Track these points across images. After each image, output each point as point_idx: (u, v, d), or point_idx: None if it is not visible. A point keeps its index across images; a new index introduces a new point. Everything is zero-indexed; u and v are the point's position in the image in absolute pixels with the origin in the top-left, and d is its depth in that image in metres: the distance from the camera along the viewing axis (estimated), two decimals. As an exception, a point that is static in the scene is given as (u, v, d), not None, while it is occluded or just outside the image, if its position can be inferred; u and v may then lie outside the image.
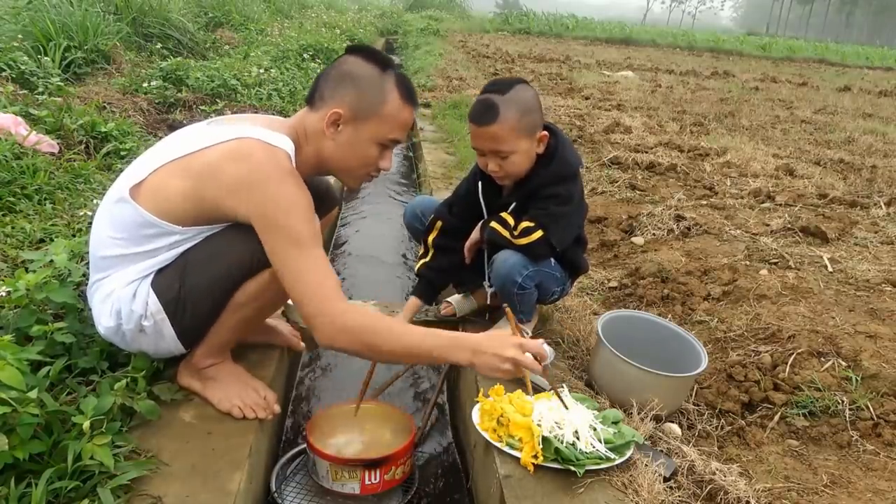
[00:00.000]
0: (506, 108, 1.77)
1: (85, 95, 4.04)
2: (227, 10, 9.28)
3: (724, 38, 28.03)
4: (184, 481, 1.36)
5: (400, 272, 3.24)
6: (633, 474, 1.49)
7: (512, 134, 1.78)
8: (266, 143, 1.46)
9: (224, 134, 1.49)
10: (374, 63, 1.54)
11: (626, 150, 5.01)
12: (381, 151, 1.60)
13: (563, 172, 1.88)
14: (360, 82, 1.52)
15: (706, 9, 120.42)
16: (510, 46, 15.63)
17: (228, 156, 1.45)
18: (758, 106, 8.42)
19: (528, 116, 1.80)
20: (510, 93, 1.79)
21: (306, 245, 1.42)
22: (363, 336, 1.41)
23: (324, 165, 1.62)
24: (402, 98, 1.55)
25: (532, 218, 1.85)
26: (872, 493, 1.61)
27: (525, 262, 1.87)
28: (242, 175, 1.42)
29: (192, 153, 1.48)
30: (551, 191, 1.87)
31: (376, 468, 1.60)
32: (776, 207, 3.74)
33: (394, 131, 1.57)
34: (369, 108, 1.52)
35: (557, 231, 1.86)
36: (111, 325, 1.52)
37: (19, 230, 2.22)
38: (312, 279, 1.41)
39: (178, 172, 1.47)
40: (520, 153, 1.82)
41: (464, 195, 2.08)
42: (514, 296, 1.90)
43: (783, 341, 2.19)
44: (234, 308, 1.55)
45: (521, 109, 1.78)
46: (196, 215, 1.49)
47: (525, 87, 1.84)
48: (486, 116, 1.78)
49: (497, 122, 1.77)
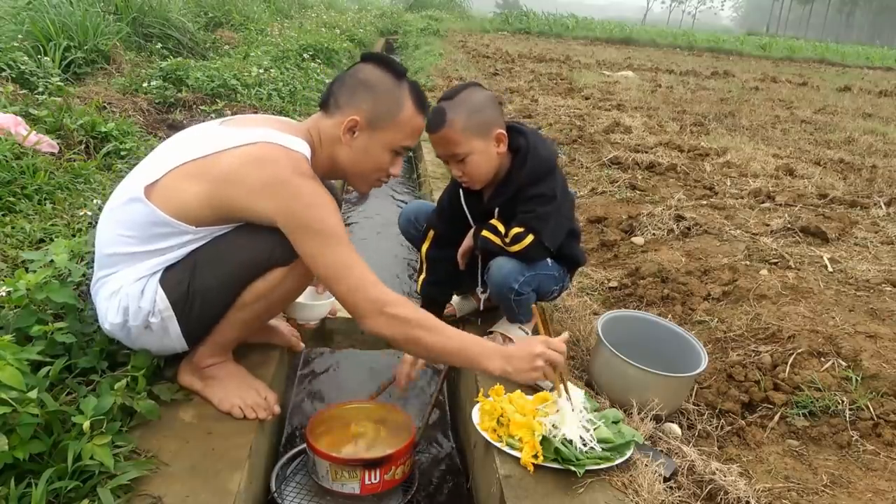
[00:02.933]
0: (452, 112, 1.79)
1: (85, 95, 4.04)
2: (227, 10, 9.28)
3: (724, 38, 28.05)
4: (184, 481, 1.36)
5: (399, 272, 3.24)
6: (633, 474, 1.49)
7: (462, 135, 1.79)
8: (285, 148, 1.49)
9: (241, 137, 1.50)
10: (390, 72, 1.59)
11: (626, 150, 5.01)
12: (392, 158, 1.65)
13: (540, 170, 1.87)
14: (377, 91, 1.57)
15: (706, 9, 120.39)
16: (510, 46, 15.63)
17: (248, 160, 1.46)
18: (758, 106, 8.43)
19: (478, 116, 1.81)
20: (458, 97, 1.82)
21: (342, 240, 1.47)
22: (410, 329, 1.49)
23: (337, 170, 1.65)
24: (415, 107, 1.61)
25: (520, 223, 1.85)
26: (872, 493, 1.61)
27: (521, 269, 1.87)
28: (264, 177, 1.44)
29: (210, 155, 1.48)
30: (533, 191, 1.86)
31: (376, 468, 1.60)
32: (776, 207, 3.74)
33: (406, 138, 1.63)
34: (385, 116, 1.57)
35: (548, 231, 1.85)
36: (117, 321, 1.52)
37: (19, 230, 2.22)
38: (357, 271, 1.46)
39: (196, 175, 1.47)
40: (476, 154, 1.82)
41: (447, 206, 2.08)
42: (512, 302, 1.90)
43: (783, 341, 2.19)
44: (241, 307, 1.55)
45: (469, 110, 1.80)
46: (212, 217, 1.50)
47: (476, 90, 1.86)
48: (435, 123, 1.81)
49: (445, 126, 1.79)
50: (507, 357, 1.52)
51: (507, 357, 1.52)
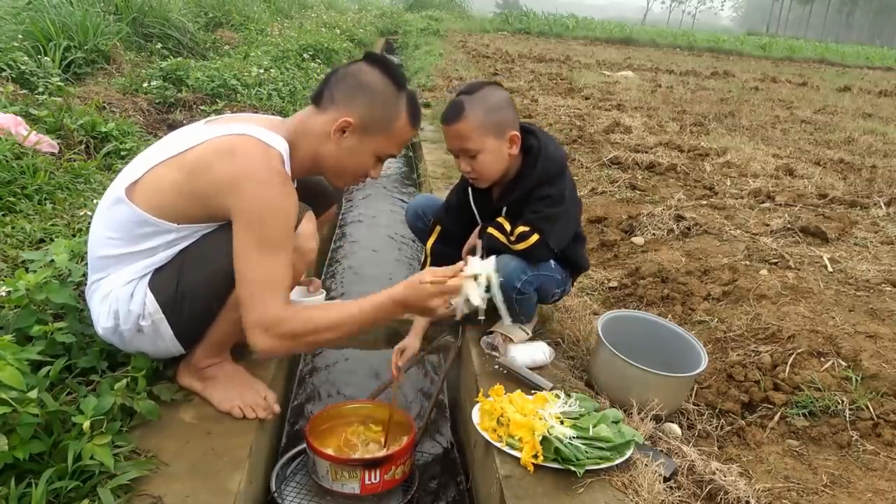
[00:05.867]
0: (471, 107, 1.80)
1: (85, 95, 4.04)
2: (227, 10, 9.28)
3: (724, 38, 28.05)
4: (184, 481, 1.36)
5: (399, 272, 3.24)
6: (633, 474, 1.49)
7: (477, 132, 1.81)
8: (260, 142, 1.47)
9: (219, 132, 1.49)
10: (391, 80, 1.57)
11: (626, 150, 5.01)
12: (375, 163, 1.65)
13: (550, 171, 1.89)
14: (376, 97, 1.55)
15: (706, 9, 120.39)
16: (510, 46, 15.63)
17: (219, 150, 1.45)
18: (758, 106, 8.42)
19: (495, 115, 1.82)
20: (478, 93, 1.83)
21: (269, 249, 1.42)
22: (297, 340, 1.47)
23: (318, 166, 1.63)
24: (409, 119, 1.61)
25: (527, 222, 1.86)
26: (872, 493, 1.61)
27: (524, 267, 1.87)
28: (230, 170, 1.42)
29: (186, 150, 1.48)
30: (541, 192, 1.87)
31: (376, 468, 1.60)
32: (776, 207, 3.74)
33: (393, 147, 1.64)
34: (379, 123, 1.57)
35: (553, 232, 1.87)
36: (109, 325, 1.52)
37: (19, 230, 2.22)
38: (256, 285, 1.43)
39: (172, 169, 1.47)
40: (488, 152, 1.84)
41: (455, 204, 2.10)
42: (514, 300, 1.90)
43: (783, 341, 2.19)
44: (232, 306, 1.54)
45: (487, 108, 1.81)
46: (189, 212, 1.49)
47: (495, 89, 1.87)
48: (451, 115, 1.82)
49: (462, 120, 1.80)
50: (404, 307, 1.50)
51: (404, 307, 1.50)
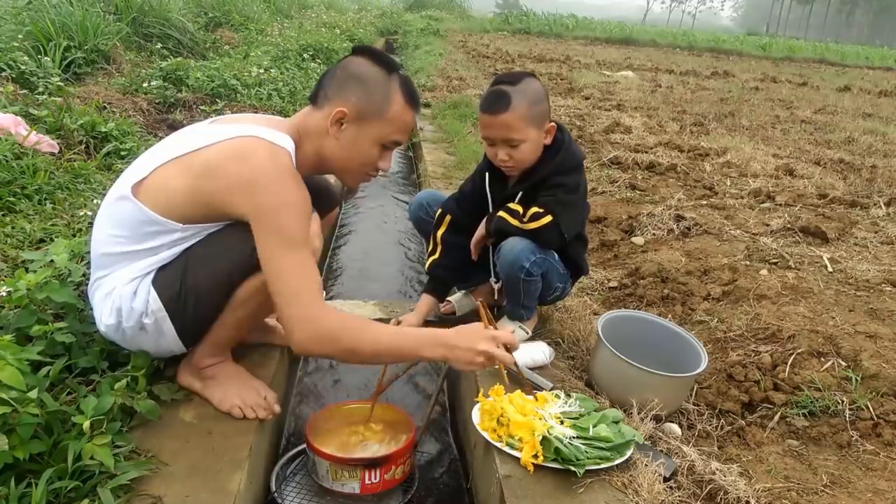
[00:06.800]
0: (517, 98, 1.82)
1: (85, 95, 4.04)
2: (227, 10, 9.28)
3: (724, 38, 28.05)
4: (184, 481, 1.36)
5: (399, 271, 3.24)
6: (633, 474, 1.49)
7: (522, 122, 1.83)
8: (268, 142, 1.47)
9: (225, 132, 1.49)
10: (380, 65, 1.56)
11: (626, 150, 5.01)
12: (381, 152, 1.62)
13: (570, 163, 1.94)
14: (366, 83, 1.54)
15: (706, 9, 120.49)
16: (510, 46, 15.63)
17: (230, 154, 1.45)
18: (758, 106, 8.42)
19: (538, 106, 1.86)
20: (521, 84, 1.85)
21: (294, 246, 1.43)
22: (337, 342, 1.43)
23: (324, 164, 1.62)
24: (405, 101, 1.58)
25: (541, 204, 1.89)
26: (872, 493, 1.61)
27: (533, 248, 1.89)
28: (244, 174, 1.43)
29: (193, 151, 1.48)
30: (558, 180, 1.92)
31: (376, 468, 1.60)
32: (776, 207, 3.74)
33: (396, 133, 1.60)
34: (374, 109, 1.55)
35: (566, 217, 1.89)
36: (112, 322, 1.52)
37: (19, 230, 2.22)
38: (293, 281, 1.42)
39: (180, 170, 1.47)
40: (529, 142, 1.87)
41: (470, 191, 2.13)
42: (521, 282, 1.92)
43: (783, 341, 2.19)
44: (236, 306, 1.55)
45: (531, 100, 1.84)
46: (197, 213, 1.49)
47: (534, 80, 1.91)
48: (498, 105, 1.83)
49: (509, 111, 1.82)
50: (449, 347, 1.47)
51: (449, 347, 1.47)
